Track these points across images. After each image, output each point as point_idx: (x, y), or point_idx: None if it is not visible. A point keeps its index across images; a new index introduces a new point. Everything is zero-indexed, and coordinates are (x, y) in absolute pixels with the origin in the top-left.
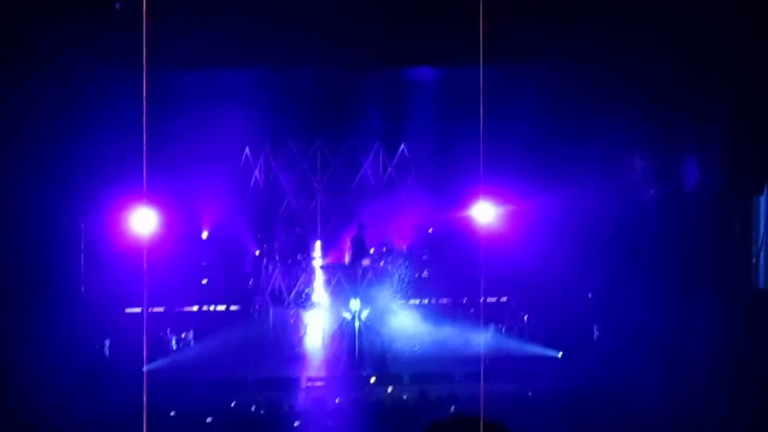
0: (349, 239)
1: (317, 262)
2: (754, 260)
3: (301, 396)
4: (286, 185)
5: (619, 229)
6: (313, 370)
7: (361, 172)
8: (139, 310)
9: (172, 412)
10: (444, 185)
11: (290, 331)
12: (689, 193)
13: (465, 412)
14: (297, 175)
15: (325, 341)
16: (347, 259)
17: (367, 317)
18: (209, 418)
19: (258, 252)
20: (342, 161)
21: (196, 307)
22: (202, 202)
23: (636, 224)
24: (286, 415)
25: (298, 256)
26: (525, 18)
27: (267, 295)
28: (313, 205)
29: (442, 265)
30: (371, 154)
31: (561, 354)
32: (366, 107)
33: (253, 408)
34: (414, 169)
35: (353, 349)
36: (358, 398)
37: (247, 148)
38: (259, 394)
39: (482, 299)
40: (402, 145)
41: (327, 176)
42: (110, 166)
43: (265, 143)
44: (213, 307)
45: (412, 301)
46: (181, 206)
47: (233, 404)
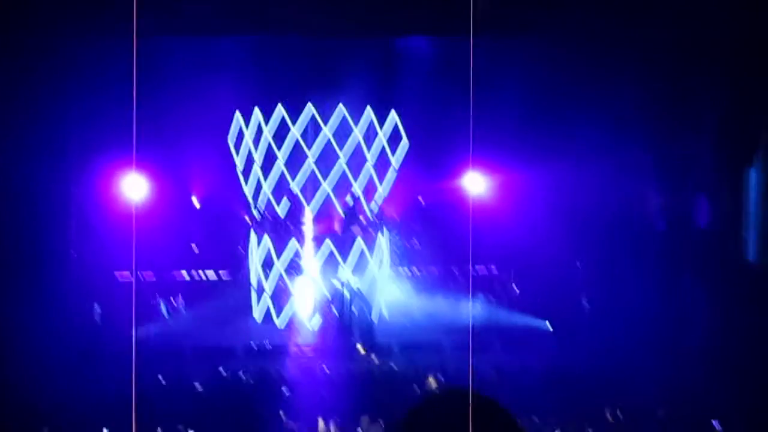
0: (340, 207)
1: (308, 230)
2: (745, 233)
3: (290, 364)
4: (278, 152)
5: (608, 201)
6: (302, 338)
7: (352, 141)
8: (128, 275)
9: (160, 378)
10: (435, 156)
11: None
12: (681, 166)
13: (454, 386)
14: (288, 143)
15: (315, 310)
16: (338, 227)
17: (357, 286)
18: (198, 384)
19: (248, 219)
20: (333, 129)
21: (185, 273)
22: (193, 169)
23: (626, 196)
24: (275, 383)
25: (289, 224)
26: None
27: (257, 262)
28: (304, 172)
29: (433, 234)
30: (363, 123)
31: (549, 324)
32: (358, 76)
33: (243, 375)
34: (405, 139)
35: (342, 318)
36: (347, 367)
37: (238, 114)
38: (247, 361)
39: (472, 269)
40: (394, 114)
41: (318, 143)
42: (101, 133)
43: (257, 110)
44: (203, 273)
45: (402, 270)
46: (171, 172)
47: (222, 371)
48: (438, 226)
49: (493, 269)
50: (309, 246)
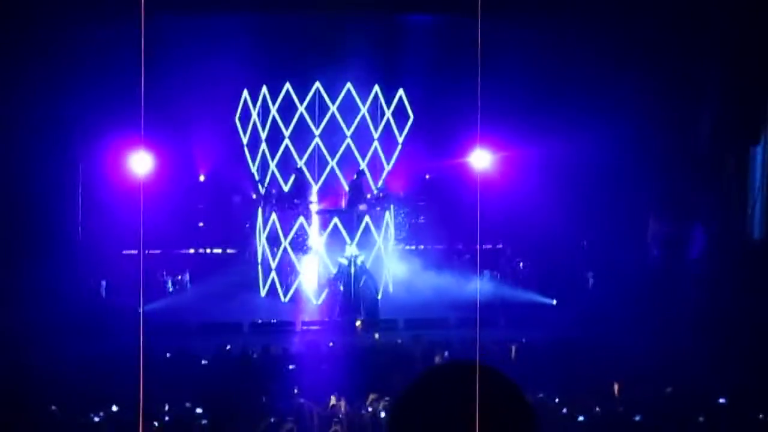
0: (346, 184)
1: (314, 207)
2: (750, 210)
3: (296, 340)
4: (284, 129)
5: (615, 179)
6: (308, 315)
7: (359, 118)
8: (135, 252)
9: (167, 354)
10: (441, 132)
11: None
12: (685, 144)
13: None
14: (295, 119)
15: (321, 286)
16: (344, 204)
17: (363, 262)
18: (204, 361)
19: (255, 195)
20: (340, 105)
21: (192, 250)
22: (200, 146)
23: (632, 175)
24: (280, 359)
25: (295, 201)
26: None
27: (263, 238)
28: (310, 149)
29: (439, 211)
30: (370, 101)
31: (555, 301)
32: (365, 52)
33: (248, 351)
34: (413, 117)
35: (349, 294)
36: (353, 342)
37: (245, 91)
38: (254, 338)
39: (478, 246)
40: (400, 91)
41: (325, 120)
42: (108, 111)
43: (264, 88)
44: (209, 250)
45: (408, 247)
46: (178, 149)
47: (228, 347)
48: (445, 203)
49: (499, 246)
50: (315, 222)
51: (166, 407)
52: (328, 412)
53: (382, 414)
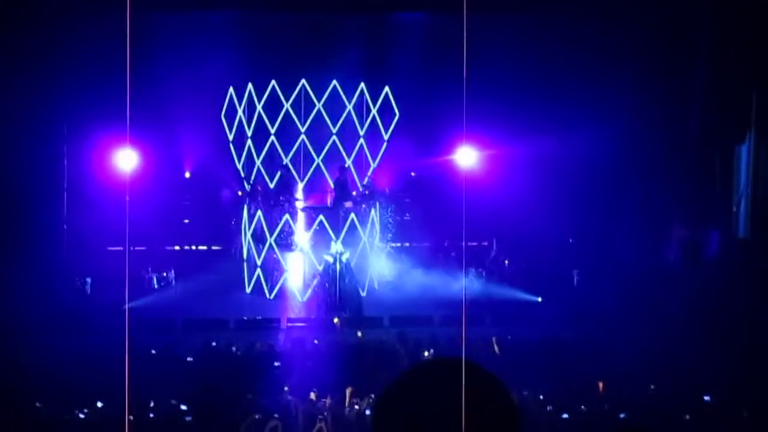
0: (331, 181)
1: (299, 204)
2: (735, 209)
3: (281, 337)
4: (270, 126)
5: (600, 177)
6: (293, 312)
7: (345, 116)
8: (121, 249)
9: (153, 351)
10: (427, 129)
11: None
12: (672, 142)
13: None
14: (281, 116)
15: (306, 283)
16: (329, 201)
17: (349, 260)
18: (190, 357)
19: (240, 192)
20: (326, 103)
21: (177, 247)
22: (185, 142)
23: (618, 173)
24: (266, 356)
25: (281, 198)
26: None
27: (249, 235)
28: (296, 146)
29: (424, 208)
30: (356, 99)
31: (541, 299)
32: (351, 50)
33: (234, 348)
34: (398, 114)
35: (334, 292)
36: (338, 340)
37: (231, 88)
38: (239, 335)
39: (464, 243)
40: (386, 88)
41: (310, 117)
42: (93, 107)
43: (250, 86)
44: (195, 247)
45: (394, 244)
46: (164, 146)
47: (213, 344)
48: (431, 200)
49: (485, 243)
50: (301, 219)
51: (152, 404)
52: (313, 409)
53: (367, 411)
